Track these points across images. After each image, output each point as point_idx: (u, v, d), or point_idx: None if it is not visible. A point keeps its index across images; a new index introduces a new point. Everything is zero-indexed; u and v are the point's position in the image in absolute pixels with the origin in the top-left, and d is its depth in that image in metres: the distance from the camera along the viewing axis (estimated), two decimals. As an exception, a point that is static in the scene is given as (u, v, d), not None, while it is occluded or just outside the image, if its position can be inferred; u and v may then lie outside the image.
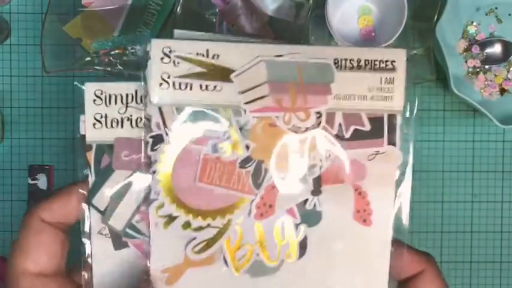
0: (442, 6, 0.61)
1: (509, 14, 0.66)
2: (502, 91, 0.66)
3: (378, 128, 0.48)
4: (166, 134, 0.47)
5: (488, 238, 0.67)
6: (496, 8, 0.65)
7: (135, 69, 0.63)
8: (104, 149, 0.48)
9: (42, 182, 0.64)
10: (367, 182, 0.48)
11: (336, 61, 0.48)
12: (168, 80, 0.47)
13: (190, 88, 0.47)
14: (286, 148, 0.48)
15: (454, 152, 0.67)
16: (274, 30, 0.62)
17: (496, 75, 0.66)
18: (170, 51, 0.47)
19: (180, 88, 0.47)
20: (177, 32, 0.49)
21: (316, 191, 0.49)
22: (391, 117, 0.48)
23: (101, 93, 0.48)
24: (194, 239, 0.48)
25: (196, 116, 0.48)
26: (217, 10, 0.62)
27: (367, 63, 0.48)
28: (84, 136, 0.48)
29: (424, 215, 0.67)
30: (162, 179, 0.48)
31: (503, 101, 0.65)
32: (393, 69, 0.48)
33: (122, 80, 0.48)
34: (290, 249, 0.48)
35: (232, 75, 0.47)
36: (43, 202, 0.48)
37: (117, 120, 0.48)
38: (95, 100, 0.48)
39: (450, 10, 0.61)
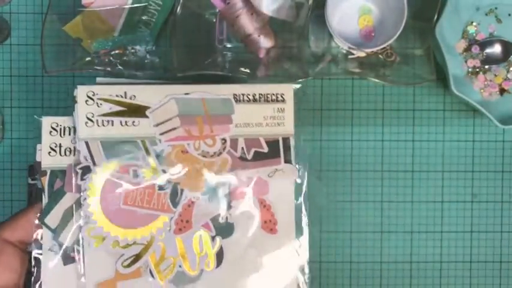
0: (442, 6, 0.61)
1: (509, 14, 0.66)
2: (502, 91, 0.66)
3: (274, 149, 0.57)
4: (94, 165, 0.54)
5: (488, 238, 0.67)
6: (496, 8, 0.66)
7: (135, 69, 0.64)
8: (57, 174, 0.55)
9: (42, 182, 0.64)
10: (270, 196, 0.56)
11: (235, 96, 0.56)
12: (92, 118, 0.55)
13: (112, 124, 0.55)
14: (198, 171, 0.56)
15: (454, 152, 0.67)
16: (274, 30, 0.62)
17: (495, 75, 0.66)
18: (94, 95, 0.55)
19: (103, 125, 0.55)
20: (98, 79, 0.57)
21: (227, 206, 0.56)
22: (286, 139, 0.57)
23: (57, 126, 0.55)
24: (122, 255, 0.54)
25: (118, 148, 0.55)
26: (217, 10, 0.62)
27: (261, 96, 0.57)
28: (39, 163, 0.55)
29: (424, 215, 0.67)
30: (92, 204, 0.54)
31: (503, 101, 0.65)
32: (283, 100, 0.57)
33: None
34: (208, 259, 0.55)
35: (147, 112, 0.55)
36: (5, 223, 0.54)
37: (70, 149, 0.55)
38: (51, 132, 0.55)
39: (450, 10, 0.61)
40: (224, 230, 0.56)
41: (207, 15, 0.63)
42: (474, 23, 0.66)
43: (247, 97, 0.56)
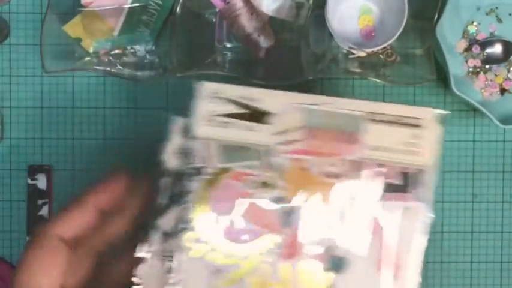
0: (442, 6, 0.61)
1: (510, 14, 0.66)
2: (503, 91, 0.66)
3: (407, 183, 0.49)
4: (206, 167, 0.50)
5: (489, 238, 0.67)
6: (497, 8, 0.65)
7: (135, 69, 0.64)
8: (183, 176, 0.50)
9: (41, 182, 0.64)
10: (393, 234, 0.49)
11: (369, 113, 0.50)
12: (212, 117, 0.51)
13: (231, 127, 0.50)
14: (317, 192, 0.49)
15: (454, 152, 0.66)
16: (274, 30, 0.62)
17: (496, 75, 0.65)
18: (218, 93, 0.51)
19: (221, 126, 0.50)
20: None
21: (345, 238, 0.49)
22: (420, 173, 0.49)
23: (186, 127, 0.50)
24: (220, 271, 0.49)
25: (234, 153, 0.50)
26: (217, 10, 0.62)
27: (396, 117, 0.50)
28: (165, 162, 0.50)
29: (424, 215, 0.66)
30: (196, 209, 0.49)
31: (504, 101, 0.65)
32: (418, 126, 0.50)
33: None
34: None
35: (269, 118, 0.50)
36: (58, 217, 0.46)
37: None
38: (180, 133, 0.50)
39: (450, 10, 0.61)
40: (339, 264, 0.49)
41: (207, 15, 0.63)
42: (475, 23, 0.66)
43: (381, 116, 0.50)
